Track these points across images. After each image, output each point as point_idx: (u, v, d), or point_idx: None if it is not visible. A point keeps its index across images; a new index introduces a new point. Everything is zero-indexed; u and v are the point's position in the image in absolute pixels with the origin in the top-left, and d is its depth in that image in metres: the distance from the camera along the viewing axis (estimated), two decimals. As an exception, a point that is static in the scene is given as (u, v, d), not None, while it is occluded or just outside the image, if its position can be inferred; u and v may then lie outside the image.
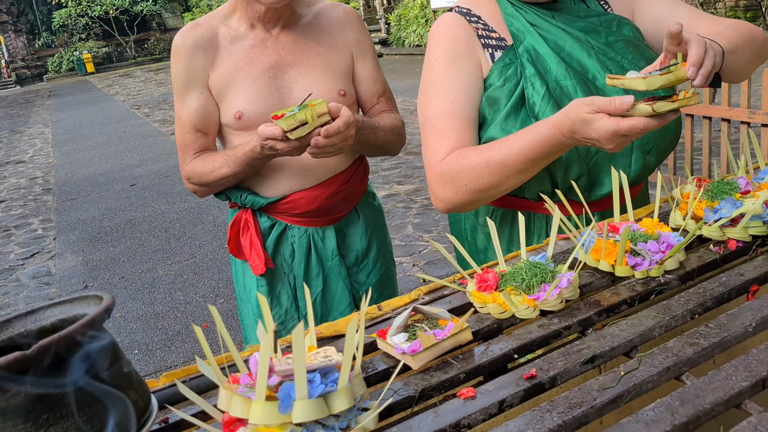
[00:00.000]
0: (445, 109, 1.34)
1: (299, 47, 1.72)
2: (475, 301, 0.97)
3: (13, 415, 0.65)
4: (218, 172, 1.67)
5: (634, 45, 1.35)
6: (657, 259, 0.98)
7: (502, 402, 0.76)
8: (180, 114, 1.73)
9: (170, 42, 35.17)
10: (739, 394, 0.71)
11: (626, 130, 1.00)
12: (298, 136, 1.42)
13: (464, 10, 1.42)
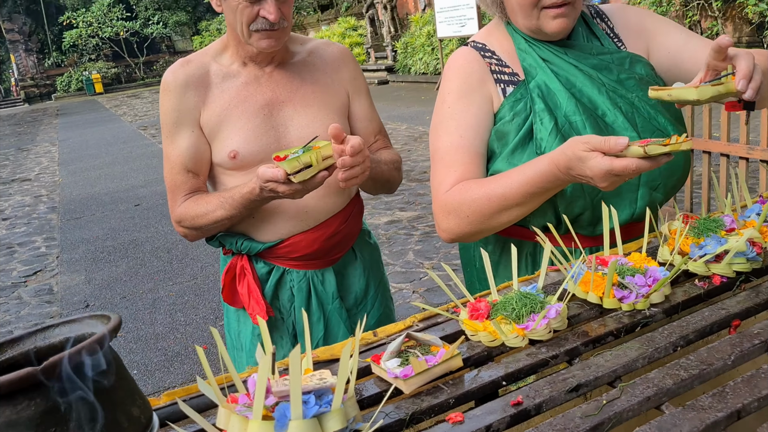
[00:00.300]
0: (453, 142, 1.39)
1: (294, 85, 1.68)
2: (467, 329, 1.00)
3: (22, 428, 0.68)
4: (213, 214, 1.60)
5: (645, 83, 1.39)
6: (643, 293, 1.02)
7: (488, 427, 0.80)
8: (169, 154, 1.67)
9: (178, 64, 35.61)
10: (714, 424, 0.74)
11: (619, 170, 1.04)
12: (301, 179, 1.38)
13: (479, 45, 1.47)
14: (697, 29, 10.95)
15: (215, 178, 1.71)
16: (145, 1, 37.86)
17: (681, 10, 10.93)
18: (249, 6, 1.51)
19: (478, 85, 1.40)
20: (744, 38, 10.64)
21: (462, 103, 1.40)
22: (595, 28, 1.46)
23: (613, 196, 1.29)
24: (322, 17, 25.98)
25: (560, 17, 1.32)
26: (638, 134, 1.33)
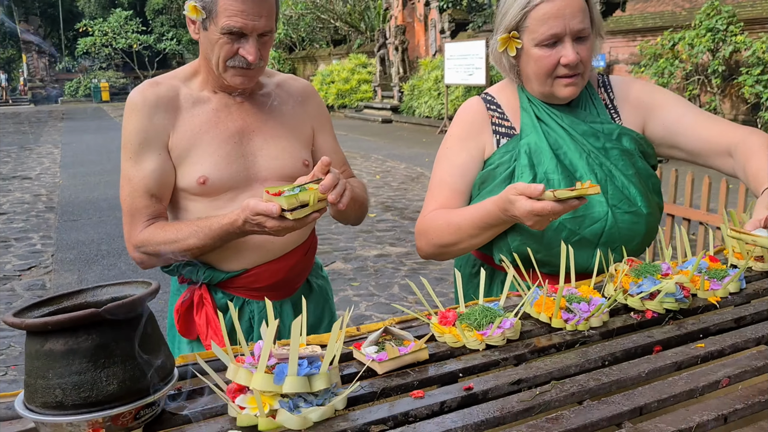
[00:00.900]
0: (441, 178, 1.63)
1: (263, 115, 1.69)
2: (436, 331, 1.20)
3: (80, 355, 0.87)
4: (184, 242, 1.55)
5: (628, 155, 1.59)
6: (584, 316, 1.22)
7: (443, 403, 0.99)
8: (131, 176, 1.60)
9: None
10: (620, 414, 0.94)
11: (538, 211, 1.26)
12: (297, 217, 1.37)
13: (488, 98, 1.68)
14: (696, 103, 11.34)
15: (177, 204, 1.67)
16: (161, 18, 38.52)
17: (682, 84, 11.33)
18: (229, 43, 1.54)
19: (476, 134, 1.63)
20: (740, 116, 11.03)
21: (457, 147, 1.62)
22: (596, 97, 1.65)
23: (574, 249, 1.48)
24: (334, 51, 26.52)
25: (571, 85, 1.54)
26: (606, 200, 1.54)
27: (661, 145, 1.64)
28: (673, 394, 0.99)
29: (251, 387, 0.93)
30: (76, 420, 0.88)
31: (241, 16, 1.50)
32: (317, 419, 0.94)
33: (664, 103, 1.63)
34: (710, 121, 1.59)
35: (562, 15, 1.47)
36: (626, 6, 14.20)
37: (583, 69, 1.53)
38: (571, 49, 1.49)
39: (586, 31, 1.51)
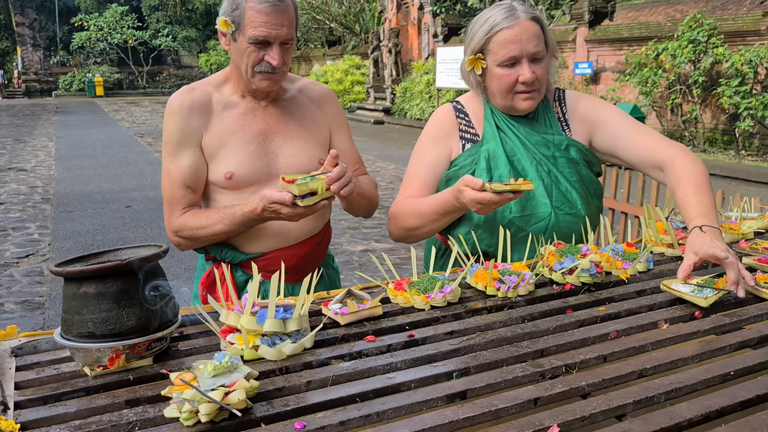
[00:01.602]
0: (412, 172, 1.90)
1: (285, 118, 1.89)
2: (390, 294, 1.48)
3: (107, 297, 1.14)
4: (213, 228, 1.76)
5: (574, 164, 1.84)
6: (512, 286, 1.49)
7: (390, 345, 1.26)
8: (171, 170, 1.82)
9: (182, 78, 36.15)
10: (524, 354, 1.21)
11: (479, 199, 1.52)
12: (307, 204, 1.57)
13: (458, 107, 1.94)
14: (678, 112, 11.68)
15: (209, 195, 1.88)
16: (158, 14, 38.62)
17: (665, 93, 11.66)
18: (256, 51, 1.74)
19: (444, 137, 1.90)
20: (720, 126, 11.37)
21: (428, 147, 1.89)
22: (551, 111, 1.90)
23: (518, 243, 1.76)
24: (328, 52, 26.79)
25: (529, 99, 1.79)
26: (551, 202, 1.80)
27: (605, 155, 1.90)
28: (570, 341, 1.26)
29: (239, 326, 1.20)
30: (103, 347, 1.14)
31: (265, 26, 1.70)
32: (289, 353, 1.21)
33: (607, 118, 1.86)
34: (645, 136, 1.82)
35: (519, 40, 1.72)
36: (615, 15, 14.54)
37: (539, 85, 1.78)
38: (527, 69, 1.74)
39: (541, 53, 1.76)
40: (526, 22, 1.74)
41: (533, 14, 1.76)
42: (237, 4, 1.73)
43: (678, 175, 1.69)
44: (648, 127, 1.90)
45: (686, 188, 1.65)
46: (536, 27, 1.75)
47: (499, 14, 1.75)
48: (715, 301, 1.41)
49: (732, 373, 1.14)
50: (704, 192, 1.64)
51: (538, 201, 1.79)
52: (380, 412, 1.02)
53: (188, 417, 0.98)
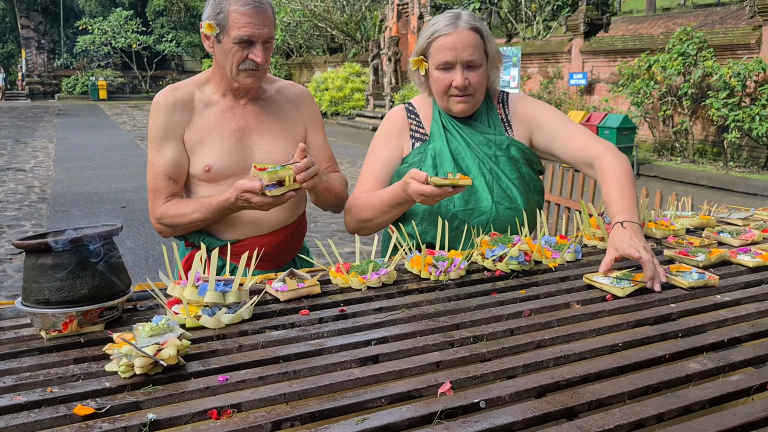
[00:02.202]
0: (367, 168, 2.04)
1: (262, 116, 2.02)
2: (331, 276, 1.61)
3: (62, 268, 1.27)
4: (190, 216, 1.90)
5: (514, 162, 1.97)
6: (442, 270, 1.62)
7: (320, 318, 1.39)
8: (155, 162, 1.96)
9: (184, 83, 36.31)
10: (441, 327, 1.34)
11: (422, 191, 1.64)
12: (275, 195, 1.69)
13: (410, 108, 2.09)
14: (669, 123, 11.82)
15: (190, 187, 2.02)
16: (162, 19, 38.89)
17: (656, 104, 11.81)
18: (240, 50, 1.86)
19: (396, 136, 2.04)
20: (710, 137, 11.50)
21: (381, 145, 2.03)
22: (494, 112, 2.03)
23: (461, 235, 1.89)
24: (330, 59, 26.99)
25: (461, 103, 1.93)
26: (491, 197, 1.93)
27: (543, 152, 2.04)
28: (485, 317, 1.39)
29: (184, 296, 1.33)
30: (58, 312, 1.27)
31: (249, 27, 1.84)
32: (228, 322, 1.34)
33: (544, 118, 2.00)
34: (578, 135, 1.95)
35: (455, 47, 1.86)
36: (616, 27, 14.71)
37: (473, 91, 1.91)
38: (460, 75, 1.88)
39: (476, 61, 1.89)
40: (464, 32, 1.87)
41: (474, 25, 1.89)
42: (221, 8, 1.86)
43: (604, 172, 1.82)
44: (581, 126, 2.03)
45: (611, 185, 1.78)
46: (475, 36, 1.88)
47: (443, 21, 1.89)
48: (631, 292, 1.54)
49: (621, 345, 1.27)
50: (627, 189, 1.77)
51: (480, 196, 1.92)
52: (297, 371, 1.15)
53: (125, 370, 1.11)
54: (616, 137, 10.25)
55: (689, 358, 1.22)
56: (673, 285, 1.59)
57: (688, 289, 1.55)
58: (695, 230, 2.11)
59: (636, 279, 1.56)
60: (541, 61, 15.31)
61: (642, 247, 1.59)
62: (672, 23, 14.38)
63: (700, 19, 14.22)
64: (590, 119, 10.92)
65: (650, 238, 2.01)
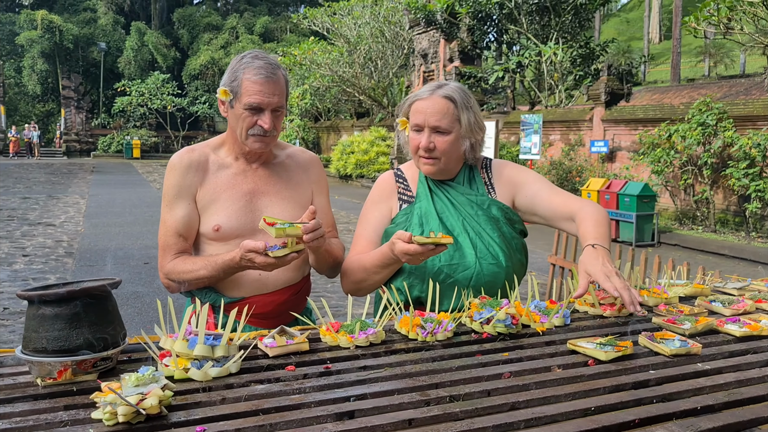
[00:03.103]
0: (359, 232, 2.15)
1: (272, 180, 2.12)
2: (321, 334, 1.66)
3: (61, 319, 1.35)
4: (197, 273, 1.97)
5: (495, 221, 2.07)
6: (428, 331, 1.67)
7: (305, 374, 1.44)
8: (166, 219, 2.06)
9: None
10: (421, 387, 1.38)
11: (406, 250, 1.72)
12: (277, 255, 1.78)
13: (398, 173, 2.21)
14: (690, 191, 11.79)
15: (199, 246, 2.11)
16: (196, 83, 40.29)
17: (677, 173, 11.82)
18: (250, 116, 1.98)
19: (386, 199, 2.15)
20: (731, 207, 11.43)
21: (372, 209, 2.13)
22: (478, 176, 2.15)
23: (446, 290, 1.96)
24: (357, 123, 27.56)
25: (428, 165, 2.05)
26: (475, 253, 2.01)
27: (525, 213, 2.14)
28: (464, 378, 1.43)
29: (174, 350, 1.39)
30: (53, 361, 1.34)
31: (259, 95, 1.96)
32: (215, 375, 1.39)
33: (526, 181, 2.13)
34: (559, 194, 2.09)
35: (425, 112, 2.01)
36: (640, 97, 14.89)
37: (439, 155, 2.03)
38: (426, 138, 2.01)
39: (443, 128, 2.01)
40: (438, 98, 2.01)
41: (449, 95, 2.02)
42: (235, 76, 1.99)
43: (583, 216, 1.94)
44: (558, 189, 2.14)
45: (587, 223, 1.90)
46: (446, 104, 2.00)
47: (424, 88, 2.06)
48: (614, 357, 1.56)
49: (593, 409, 1.29)
50: (602, 226, 1.90)
51: (465, 252, 2.00)
52: (273, 424, 1.19)
53: (109, 418, 1.16)
54: (637, 205, 10.25)
55: (658, 424, 1.24)
56: (656, 352, 1.61)
57: (670, 357, 1.57)
58: (689, 299, 2.13)
59: (620, 346, 1.58)
60: (563, 128, 15.49)
61: (614, 272, 1.67)
62: (696, 93, 14.54)
63: (725, 90, 14.36)
64: (610, 186, 10.95)
65: (642, 306, 2.03)
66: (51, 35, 39.92)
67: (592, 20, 19.84)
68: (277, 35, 43.63)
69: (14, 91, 42.61)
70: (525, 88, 19.68)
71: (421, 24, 19.89)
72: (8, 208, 14.09)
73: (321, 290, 7.27)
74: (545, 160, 15.03)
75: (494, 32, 19.61)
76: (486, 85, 18.73)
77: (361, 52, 25.82)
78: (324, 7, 26.92)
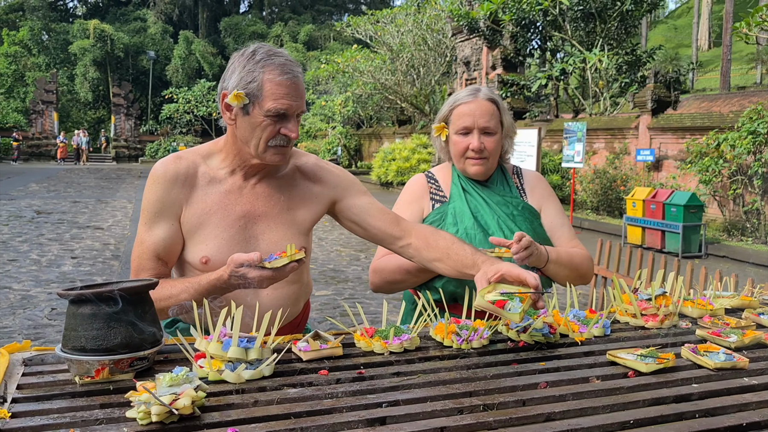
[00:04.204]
0: None
1: (272, 200, 1.81)
2: (355, 339, 1.65)
3: (99, 318, 1.37)
4: (177, 298, 1.66)
5: (528, 221, 2.09)
6: (464, 339, 1.64)
7: (338, 379, 1.43)
8: (144, 239, 1.75)
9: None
10: (454, 393, 1.36)
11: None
12: (274, 266, 1.54)
13: (430, 175, 2.22)
14: (740, 201, 11.46)
15: (184, 274, 1.82)
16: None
17: (726, 182, 11.50)
18: (272, 124, 1.67)
19: (417, 199, 2.15)
20: None
21: (404, 208, 2.14)
22: (510, 180, 2.19)
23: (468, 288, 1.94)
24: (398, 131, 27.60)
25: (477, 165, 2.07)
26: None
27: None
28: (499, 387, 1.40)
29: (209, 351, 1.40)
30: (91, 359, 1.36)
31: (286, 98, 1.66)
32: (248, 378, 1.40)
33: (549, 207, 2.18)
34: (566, 235, 2.15)
35: (473, 114, 2.04)
36: (688, 105, 14.57)
37: (488, 155, 2.07)
38: (476, 139, 2.04)
39: (492, 129, 2.05)
40: (482, 101, 2.05)
41: (491, 96, 2.07)
42: (253, 77, 1.66)
43: (571, 251, 2.06)
44: (570, 228, 2.19)
45: (569, 251, 2.03)
46: (491, 106, 2.05)
47: (464, 93, 2.08)
48: (655, 369, 1.51)
49: (632, 422, 1.25)
50: (572, 257, 2.05)
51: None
52: (305, 428, 1.19)
53: (143, 417, 1.17)
54: (683, 215, 9.99)
55: (701, 439, 1.20)
56: (699, 365, 1.56)
57: (715, 370, 1.52)
58: (735, 311, 2.06)
59: (662, 358, 1.54)
60: (608, 136, 15.23)
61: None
62: (747, 101, 14.12)
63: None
64: (656, 196, 10.70)
65: (685, 317, 1.97)
66: (102, 44, 41.11)
67: (638, 27, 19.51)
68: (320, 43, 44.06)
69: (67, 98, 43.94)
70: (569, 96, 19.43)
71: (464, 31, 19.83)
72: (59, 211, 14.50)
73: (360, 296, 7.27)
74: (589, 168, 14.79)
75: (538, 39, 19.42)
76: (529, 93, 18.56)
77: (404, 60, 25.86)
78: (367, 15, 27.09)
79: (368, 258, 9.50)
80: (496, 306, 1.58)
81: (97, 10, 48.33)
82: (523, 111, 18.47)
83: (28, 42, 42.56)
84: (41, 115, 38.44)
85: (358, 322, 1.80)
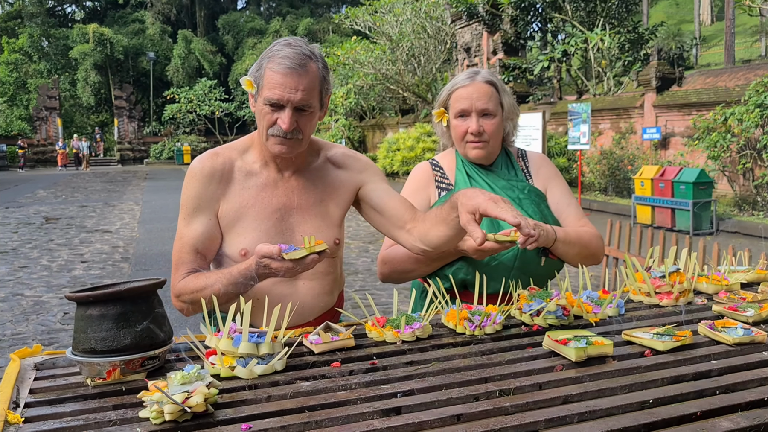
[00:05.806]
0: None
1: (307, 192, 1.84)
2: (366, 329, 1.63)
3: (108, 319, 1.36)
4: (210, 288, 1.67)
5: (536, 204, 2.06)
6: (476, 325, 1.62)
7: (351, 371, 1.42)
8: (183, 233, 1.79)
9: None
10: (469, 381, 1.34)
11: (483, 248, 1.76)
12: (293, 258, 1.53)
13: (434, 162, 2.19)
14: (750, 176, 11.37)
15: (221, 264, 1.84)
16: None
17: (735, 157, 11.41)
18: (270, 113, 1.71)
19: (423, 187, 2.13)
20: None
21: (409, 197, 2.12)
22: (515, 163, 2.16)
23: (491, 272, 1.91)
24: (401, 120, 27.50)
25: (477, 148, 2.04)
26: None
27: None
28: (514, 372, 1.38)
29: (219, 348, 1.39)
30: (102, 361, 1.35)
31: (279, 88, 1.67)
32: (260, 373, 1.38)
33: (554, 186, 2.15)
34: (573, 214, 2.11)
35: (470, 97, 2.02)
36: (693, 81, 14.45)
37: (487, 138, 2.04)
38: (475, 122, 2.02)
39: (491, 111, 2.02)
40: (480, 84, 2.02)
41: (489, 79, 2.04)
42: (260, 65, 1.73)
43: (580, 230, 2.03)
44: (577, 207, 2.15)
45: (577, 230, 1.99)
46: (489, 88, 2.03)
47: (462, 76, 2.05)
48: (672, 348, 1.49)
49: (651, 401, 1.23)
50: (579, 235, 2.01)
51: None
52: (318, 421, 1.18)
53: (156, 416, 1.16)
54: (693, 192, 9.92)
55: (723, 416, 1.18)
56: (717, 341, 1.53)
57: (733, 346, 1.49)
58: (751, 285, 2.03)
59: (679, 335, 1.51)
60: (613, 116, 15.13)
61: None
62: (752, 75, 13.95)
63: (782, 70, 13.77)
64: (665, 174, 10.63)
65: (701, 293, 1.95)
66: (102, 48, 41.09)
67: (639, 4, 19.35)
68: (320, 36, 43.92)
69: (69, 103, 44.01)
70: (572, 78, 19.31)
71: (463, 18, 19.70)
72: (67, 216, 14.55)
73: (370, 287, 7.27)
74: (595, 149, 14.71)
75: (538, 22, 19.28)
76: (531, 76, 18.44)
77: (404, 49, 25.73)
78: (365, 6, 26.95)
79: (376, 250, 9.50)
80: (560, 344, 1.51)
81: (95, 14, 48.31)
82: (526, 95, 18.35)
83: (28, 49, 42.59)
84: (45, 121, 38.52)
85: (369, 313, 1.78)
